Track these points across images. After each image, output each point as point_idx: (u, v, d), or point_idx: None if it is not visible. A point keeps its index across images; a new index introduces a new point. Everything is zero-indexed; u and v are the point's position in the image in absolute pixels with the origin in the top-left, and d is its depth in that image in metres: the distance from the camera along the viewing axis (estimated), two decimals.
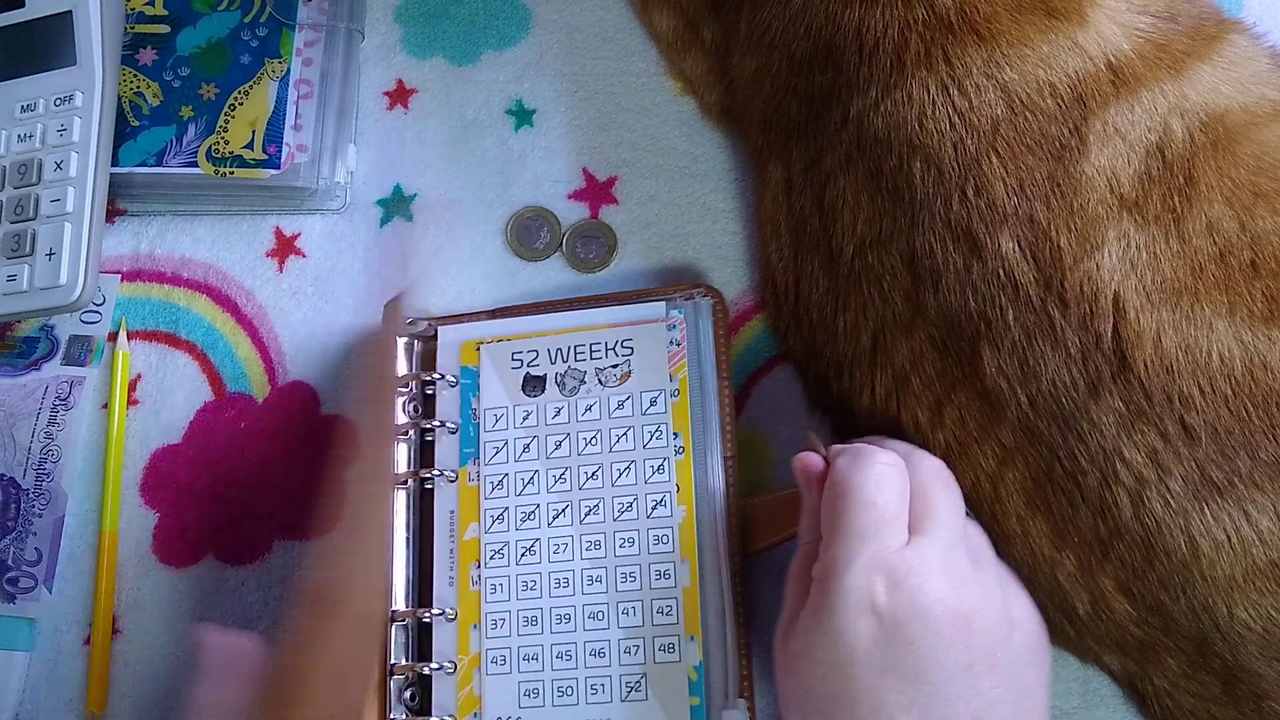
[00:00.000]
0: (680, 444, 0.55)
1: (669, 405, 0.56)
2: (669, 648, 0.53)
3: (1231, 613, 0.46)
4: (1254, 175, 0.48)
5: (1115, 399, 0.46)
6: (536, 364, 0.57)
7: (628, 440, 0.56)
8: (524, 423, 0.57)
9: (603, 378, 0.57)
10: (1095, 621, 0.49)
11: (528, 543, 0.55)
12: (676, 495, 0.55)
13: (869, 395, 0.53)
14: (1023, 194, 0.48)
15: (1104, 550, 0.47)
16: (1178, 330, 0.46)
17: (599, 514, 0.55)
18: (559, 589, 0.54)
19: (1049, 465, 0.48)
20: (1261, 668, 0.47)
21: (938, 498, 0.48)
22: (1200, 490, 0.45)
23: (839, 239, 0.52)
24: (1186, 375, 0.46)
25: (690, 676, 0.52)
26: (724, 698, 0.52)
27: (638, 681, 0.53)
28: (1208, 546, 0.45)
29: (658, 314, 0.58)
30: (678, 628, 0.53)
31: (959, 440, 0.50)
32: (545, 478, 0.56)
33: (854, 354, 0.53)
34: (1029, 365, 0.48)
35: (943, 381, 0.50)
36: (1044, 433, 0.48)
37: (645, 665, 0.53)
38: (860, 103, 0.50)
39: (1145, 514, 0.46)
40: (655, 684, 0.53)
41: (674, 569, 0.54)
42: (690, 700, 0.52)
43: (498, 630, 0.54)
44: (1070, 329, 0.47)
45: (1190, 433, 0.45)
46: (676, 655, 0.53)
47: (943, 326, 0.50)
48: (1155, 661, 0.50)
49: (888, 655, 0.45)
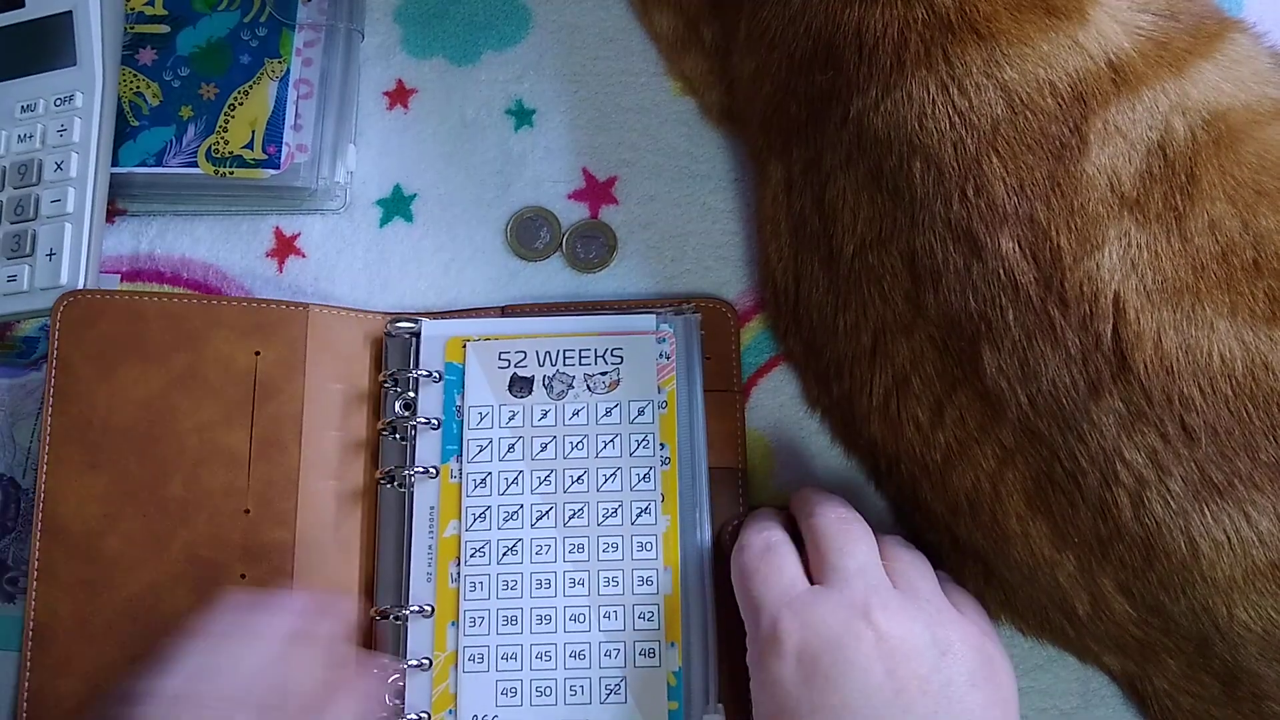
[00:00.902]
0: (667, 455, 0.56)
1: (657, 416, 0.57)
2: (649, 653, 0.54)
3: (1231, 613, 0.46)
4: (1256, 174, 0.47)
5: (1115, 399, 0.46)
6: (524, 365, 0.58)
7: (614, 447, 0.56)
8: (509, 422, 0.57)
9: (591, 384, 0.57)
10: (1095, 622, 0.49)
11: (510, 542, 0.55)
12: (662, 504, 0.56)
13: (869, 395, 0.53)
14: (1023, 194, 0.47)
15: (1104, 551, 0.47)
16: (1178, 330, 0.46)
17: (583, 518, 0.55)
18: (540, 590, 0.55)
19: (1049, 466, 0.48)
20: (1261, 668, 0.47)
21: (847, 534, 0.50)
22: (1200, 491, 0.45)
23: (839, 239, 0.52)
24: (1187, 376, 0.46)
25: (670, 681, 0.53)
26: (704, 703, 0.53)
27: (617, 684, 0.53)
28: (1208, 547, 0.45)
29: (648, 326, 0.58)
30: (658, 633, 0.54)
31: (959, 440, 0.50)
32: (530, 479, 0.56)
33: (854, 354, 0.53)
34: (1029, 365, 0.48)
35: (943, 381, 0.50)
36: (1044, 433, 0.48)
37: (625, 669, 0.54)
38: (860, 102, 0.50)
39: (1145, 515, 0.46)
40: (635, 687, 0.53)
41: (657, 576, 0.55)
42: (669, 705, 0.53)
43: (476, 628, 0.55)
44: (1070, 329, 0.47)
45: (1190, 433, 0.45)
46: (657, 660, 0.54)
47: (943, 326, 0.49)
48: (1155, 662, 0.50)
49: (812, 693, 0.46)
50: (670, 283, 0.62)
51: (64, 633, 0.53)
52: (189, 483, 0.55)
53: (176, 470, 0.55)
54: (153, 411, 0.56)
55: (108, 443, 0.55)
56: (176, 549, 0.55)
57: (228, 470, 0.56)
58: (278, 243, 0.63)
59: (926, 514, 0.53)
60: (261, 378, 0.57)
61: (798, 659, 0.46)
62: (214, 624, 0.50)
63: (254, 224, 0.64)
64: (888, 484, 0.55)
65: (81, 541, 0.54)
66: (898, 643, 0.46)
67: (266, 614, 0.50)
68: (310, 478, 0.56)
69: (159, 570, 0.54)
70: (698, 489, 0.56)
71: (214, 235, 0.64)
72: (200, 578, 0.54)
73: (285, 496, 0.56)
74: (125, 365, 0.56)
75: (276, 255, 0.63)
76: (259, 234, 0.64)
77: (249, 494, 0.56)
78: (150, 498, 0.55)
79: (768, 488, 0.59)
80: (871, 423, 0.53)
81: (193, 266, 0.63)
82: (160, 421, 0.56)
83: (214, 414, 0.56)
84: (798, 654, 0.46)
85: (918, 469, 0.52)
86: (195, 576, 0.54)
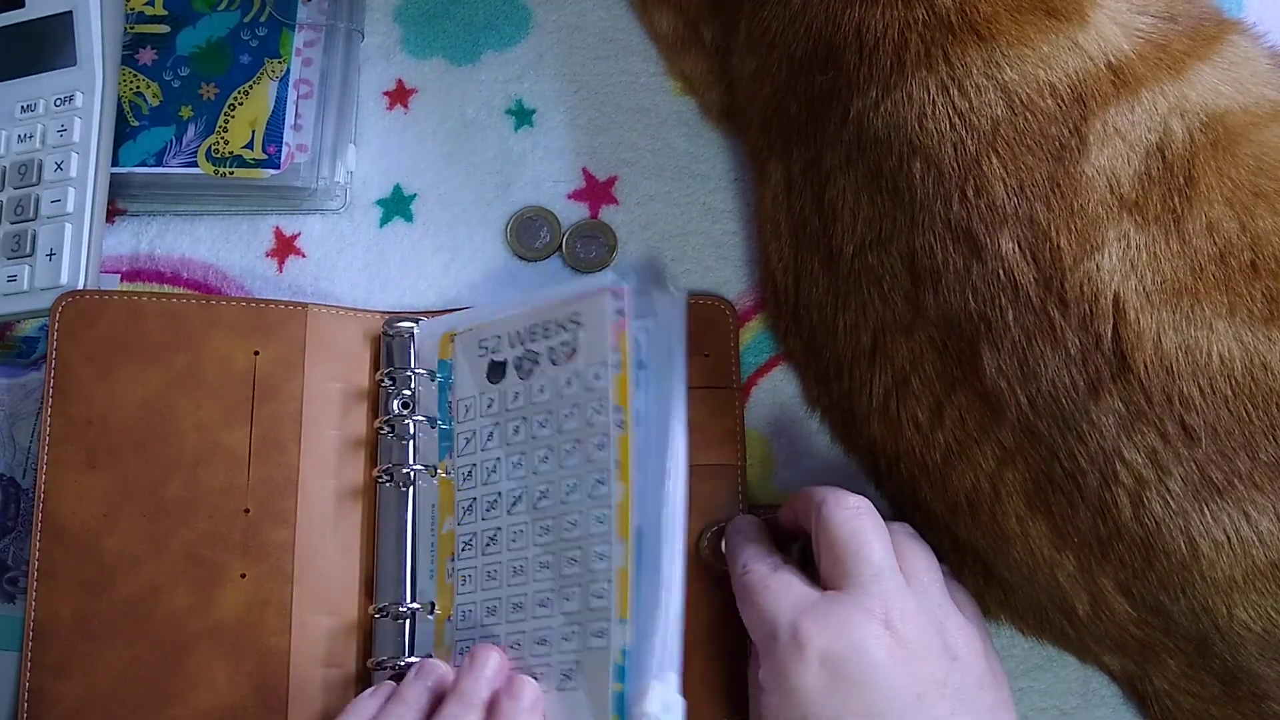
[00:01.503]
0: (620, 418, 0.52)
1: (611, 378, 0.53)
2: (601, 633, 0.51)
3: (1231, 613, 0.46)
4: (1254, 175, 0.47)
5: (1115, 399, 0.46)
6: (499, 350, 0.57)
7: (573, 418, 0.54)
8: (488, 410, 0.56)
9: (554, 357, 0.55)
10: (1095, 622, 0.49)
11: (491, 532, 0.55)
12: (617, 472, 0.52)
13: (868, 395, 0.53)
14: (1022, 194, 0.48)
15: (1104, 551, 0.47)
16: (1178, 331, 0.46)
17: (549, 498, 0.54)
18: (515, 578, 0.54)
19: (1049, 466, 0.48)
20: (1261, 668, 0.47)
21: (862, 537, 0.49)
22: (1200, 491, 0.45)
23: (839, 239, 0.52)
24: (1186, 376, 0.46)
25: (617, 660, 0.50)
26: (650, 678, 0.50)
27: (571, 669, 0.52)
28: (1207, 547, 0.45)
29: (603, 283, 0.54)
30: (609, 611, 0.51)
31: (959, 441, 0.50)
32: (505, 465, 0.55)
33: (854, 354, 0.53)
34: (1029, 366, 0.48)
35: (942, 382, 0.50)
36: (1044, 433, 0.48)
37: (579, 652, 0.51)
38: (860, 103, 0.50)
39: (1145, 514, 0.46)
40: (585, 671, 0.51)
41: (610, 549, 0.51)
42: (614, 686, 0.50)
43: (465, 622, 0.54)
44: (1070, 329, 0.47)
45: (1190, 433, 0.45)
46: (605, 641, 0.51)
47: (942, 327, 0.50)
48: (1155, 662, 0.50)
49: (838, 699, 0.46)
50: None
51: (64, 632, 0.53)
52: (189, 482, 0.55)
53: (176, 470, 0.55)
54: (152, 411, 0.56)
55: (107, 443, 0.55)
56: (176, 549, 0.55)
57: (227, 470, 0.56)
58: (278, 242, 0.63)
59: (926, 514, 0.53)
60: (260, 377, 0.57)
61: (821, 664, 0.46)
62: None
63: (254, 224, 0.64)
64: (888, 484, 0.55)
65: (81, 541, 0.54)
66: (916, 646, 0.47)
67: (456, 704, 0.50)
68: (310, 477, 0.56)
69: (159, 570, 0.54)
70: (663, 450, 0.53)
71: (214, 235, 0.64)
72: (200, 577, 0.54)
73: (285, 496, 0.56)
74: (124, 365, 0.56)
75: (276, 255, 0.63)
76: (259, 234, 0.64)
77: (249, 493, 0.56)
78: (150, 497, 0.55)
79: (767, 487, 0.59)
80: (871, 423, 0.53)
81: (193, 266, 0.63)
82: (160, 421, 0.56)
83: (213, 413, 0.56)
84: (821, 659, 0.46)
85: (917, 469, 0.52)
86: (195, 576, 0.54)
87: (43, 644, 0.53)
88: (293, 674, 0.54)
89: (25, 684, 0.53)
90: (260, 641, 0.54)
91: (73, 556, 0.54)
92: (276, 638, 0.54)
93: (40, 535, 0.54)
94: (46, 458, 0.55)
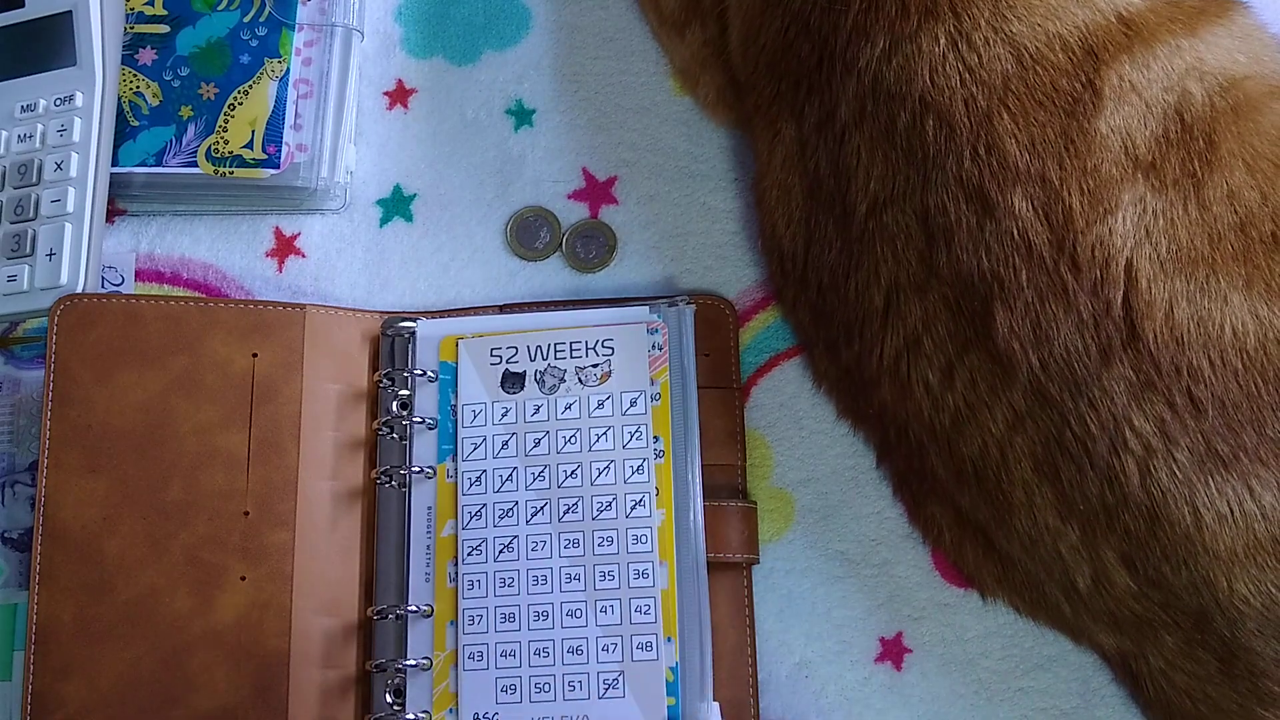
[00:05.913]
0: (660, 447, 0.56)
1: (649, 408, 0.56)
2: (647, 646, 0.53)
3: (1231, 587, 0.46)
4: (1276, 146, 0.47)
5: (1126, 367, 0.46)
6: (516, 360, 0.58)
7: (607, 440, 0.56)
8: (503, 419, 0.57)
9: (583, 377, 0.57)
10: (1095, 596, 0.49)
11: (505, 539, 0.55)
12: (656, 497, 0.55)
13: (879, 357, 0.52)
14: (1034, 151, 0.47)
15: (1110, 519, 0.47)
16: (1191, 302, 0.46)
17: (577, 512, 0.55)
18: (537, 586, 0.55)
19: (1059, 431, 0.48)
20: (1258, 645, 0.47)
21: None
22: (1205, 463, 0.45)
23: (853, 197, 0.52)
24: (1197, 347, 0.46)
25: (667, 677, 0.53)
26: (700, 698, 0.53)
27: (615, 679, 0.53)
28: (1211, 519, 0.46)
29: (640, 317, 0.58)
30: (655, 627, 0.54)
31: (969, 403, 0.50)
32: (524, 475, 0.56)
33: (865, 315, 0.52)
34: (1041, 328, 0.47)
35: (955, 342, 0.50)
36: (1055, 397, 0.48)
37: (623, 663, 0.54)
38: (870, 52, 0.50)
39: (1152, 483, 0.46)
40: (633, 682, 0.53)
41: (653, 570, 0.54)
42: (667, 700, 0.53)
43: (475, 626, 0.55)
44: (1083, 293, 0.47)
45: (1197, 405, 0.45)
46: (654, 654, 0.53)
47: (956, 286, 0.49)
48: (1152, 639, 0.50)
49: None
50: (670, 282, 0.62)
51: (66, 635, 0.54)
52: (188, 485, 0.55)
53: (175, 473, 0.56)
54: (151, 414, 0.56)
55: (107, 446, 0.56)
56: (176, 551, 0.55)
57: (227, 472, 0.56)
58: (277, 242, 0.63)
59: (932, 483, 0.53)
60: (259, 379, 0.57)
61: None
62: None
63: (254, 224, 0.64)
64: (895, 454, 0.55)
65: (82, 545, 0.55)
66: None
67: None
68: (309, 479, 0.56)
69: (159, 573, 0.54)
70: (691, 482, 0.56)
71: (214, 235, 0.64)
72: (200, 580, 0.55)
73: (284, 498, 0.56)
74: (123, 368, 0.56)
75: (276, 255, 0.63)
76: (259, 234, 0.64)
77: (248, 496, 0.56)
78: (150, 500, 0.55)
79: (766, 486, 0.59)
80: (881, 385, 0.53)
81: (192, 266, 0.63)
82: (159, 424, 0.56)
83: (212, 416, 0.56)
84: None
85: (926, 434, 0.52)
86: (195, 579, 0.55)
87: (45, 647, 0.54)
88: (293, 676, 0.54)
89: (29, 686, 0.53)
90: (260, 643, 0.54)
91: (73, 560, 0.54)
92: (276, 640, 0.54)
93: (41, 539, 0.55)
94: (46, 461, 0.55)
